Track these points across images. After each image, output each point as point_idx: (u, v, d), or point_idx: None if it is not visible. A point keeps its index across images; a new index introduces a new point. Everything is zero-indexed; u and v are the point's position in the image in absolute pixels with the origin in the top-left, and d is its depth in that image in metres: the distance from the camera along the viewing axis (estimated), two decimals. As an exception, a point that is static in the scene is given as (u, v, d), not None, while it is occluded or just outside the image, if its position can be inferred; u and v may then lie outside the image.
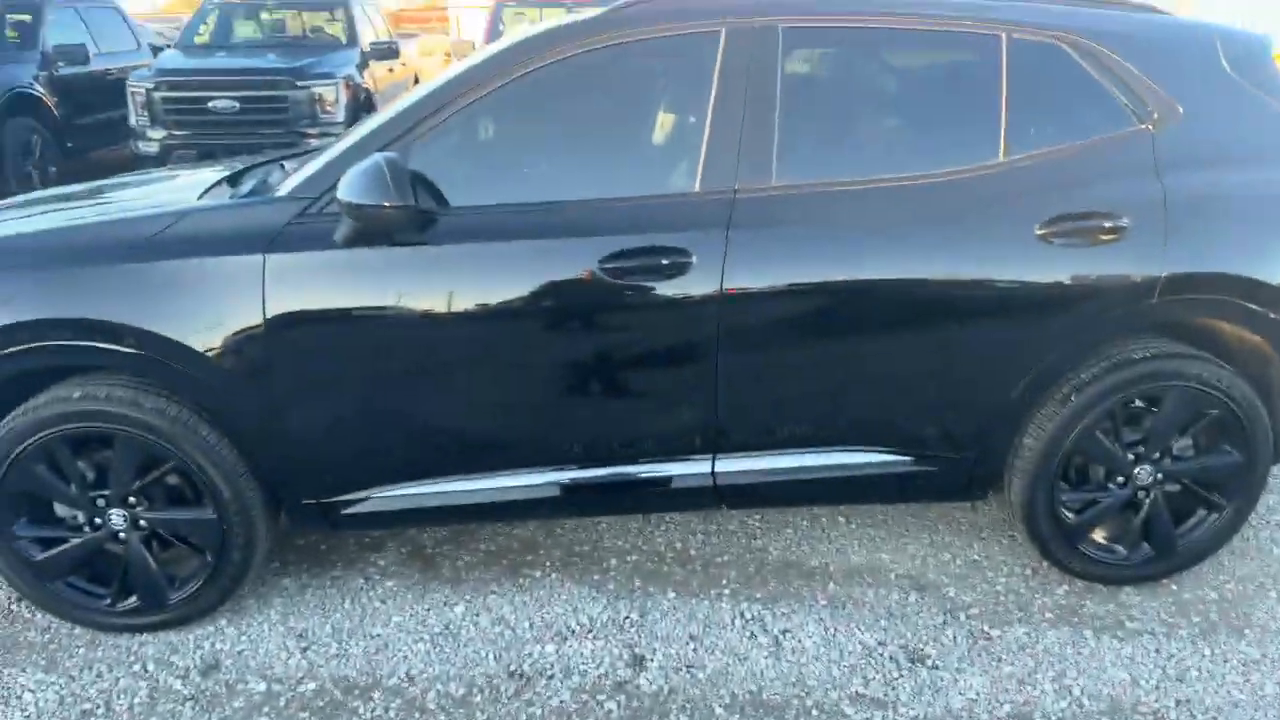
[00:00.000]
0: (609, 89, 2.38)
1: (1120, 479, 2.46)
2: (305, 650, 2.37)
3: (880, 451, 2.41)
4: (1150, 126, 2.31)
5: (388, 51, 8.88)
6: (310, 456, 2.28)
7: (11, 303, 2.13)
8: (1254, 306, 2.29)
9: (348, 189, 2.03)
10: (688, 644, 2.37)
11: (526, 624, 2.45)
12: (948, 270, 2.24)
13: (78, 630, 2.41)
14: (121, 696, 2.20)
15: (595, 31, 2.27)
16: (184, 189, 2.58)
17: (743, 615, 2.48)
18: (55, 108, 8.37)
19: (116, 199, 2.70)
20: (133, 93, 7.65)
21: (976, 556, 2.75)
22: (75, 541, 2.30)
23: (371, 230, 2.09)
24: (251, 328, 2.13)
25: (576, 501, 2.41)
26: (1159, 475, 2.45)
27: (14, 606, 2.50)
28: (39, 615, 2.45)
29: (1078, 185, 2.27)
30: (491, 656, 2.33)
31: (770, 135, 2.24)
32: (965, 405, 2.36)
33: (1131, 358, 2.34)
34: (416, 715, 2.15)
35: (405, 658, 2.33)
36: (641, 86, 2.45)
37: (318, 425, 2.25)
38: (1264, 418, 2.39)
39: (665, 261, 2.18)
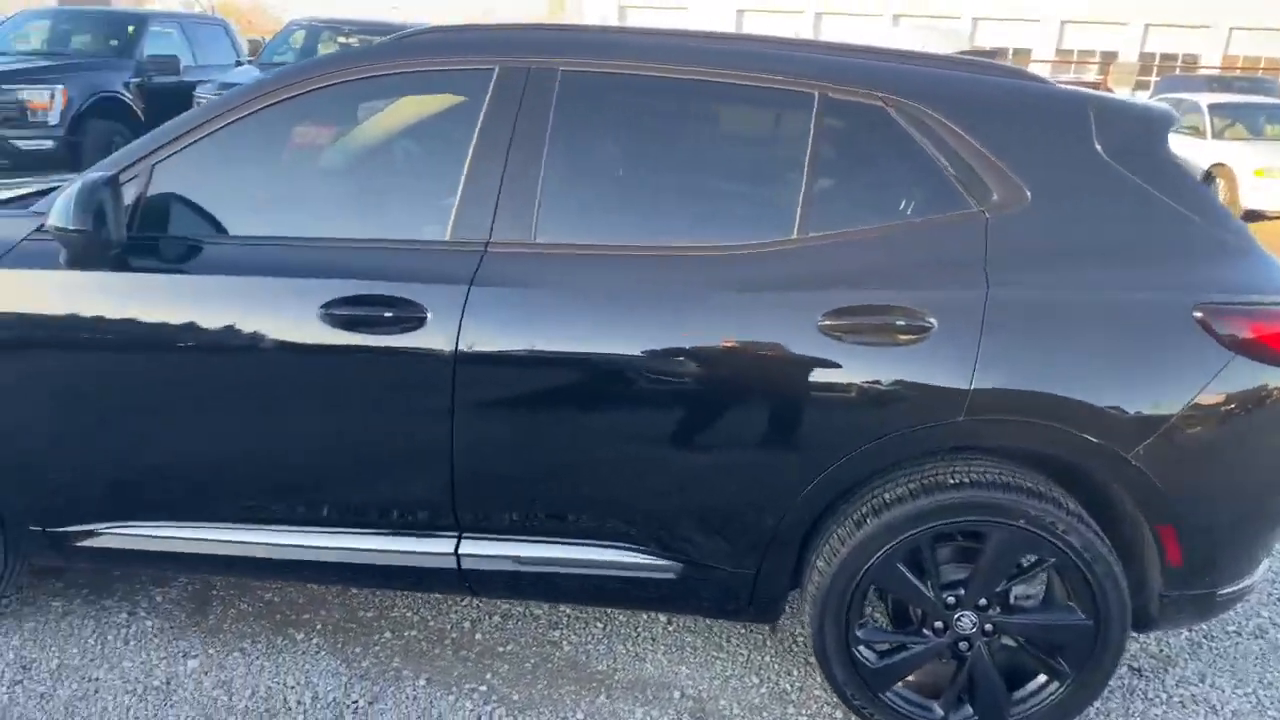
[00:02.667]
0: (376, 124, 2.21)
1: (938, 624, 2.06)
2: (17, 684, 2.25)
3: (640, 552, 2.09)
4: (986, 211, 1.94)
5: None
6: (29, 482, 2.18)
7: None
8: (1081, 434, 1.86)
9: (53, 210, 1.93)
10: (396, 743, 2.12)
11: (248, 692, 2.25)
12: (713, 354, 1.93)
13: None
14: None
15: (367, 61, 2.11)
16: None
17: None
18: (142, 113, 8.96)
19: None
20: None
21: (788, 687, 2.36)
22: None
23: (73, 253, 1.99)
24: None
25: (314, 568, 2.21)
26: (986, 626, 2.04)
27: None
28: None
29: (880, 273, 1.92)
30: (188, 723, 2.15)
31: (534, 188, 2.00)
32: (735, 511, 2.03)
33: (945, 482, 1.96)
34: (68, 778, 1.98)
35: (104, 711, 2.17)
36: (409, 123, 2.26)
37: (41, 450, 2.14)
38: (1114, 573, 1.95)
39: (390, 314, 1.97)
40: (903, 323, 1.87)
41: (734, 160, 2.19)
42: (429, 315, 1.96)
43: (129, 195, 2.07)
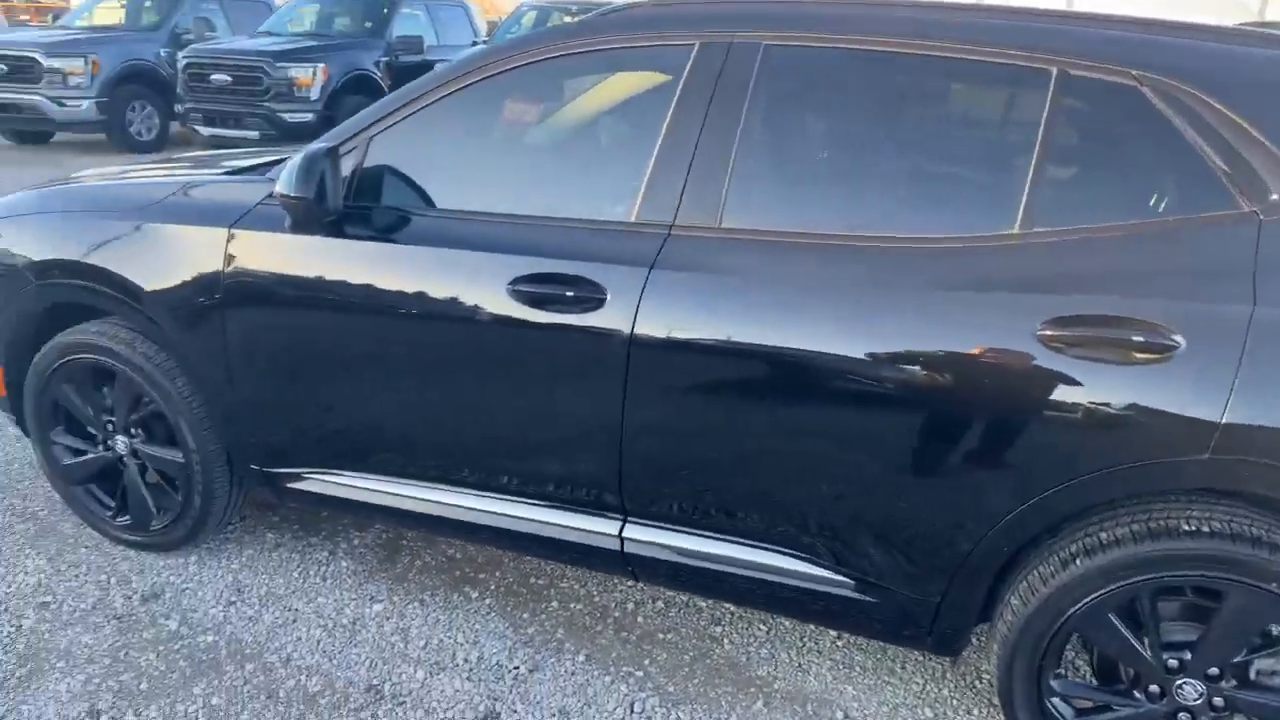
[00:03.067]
0: (578, 102, 2.19)
1: (1153, 689, 1.78)
2: (232, 603, 2.50)
3: (811, 562, 1.97)
4: (1260, 212, 1.62)
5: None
6: (251, 424, 2.39)
7: None
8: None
9: (280, 177, 2.08)
10: (550, 718, 2.13)
11: (422, 643, 2.37)
12: (909, 356, 1.76)
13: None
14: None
15: (567, 38, 2.09)
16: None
17: (633, 707, 2.18)
18: (388, 89, 9.73)
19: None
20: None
21: (966, 728, 2.15)
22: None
23: (295, 218, 2.13)
24: (210, 294, 2.27)
25: (489, 532, 2.27)
26: (1215, 699, 1.74)
27: None
28: None
29: (1117, 278, 1.66)
30: (367, 665, 2.28)
31: (723, 170, 1.91)
32: (921, 530, 1.85)
33: (1178, 528, 1.67)
34: (263, 697, 2.16)
35: (299, 640, 2.36)
36: (609, 103, 2.22)
37: (261, 397, 2.35)
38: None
39: (571, 293, 1.96)
40: (1141, 338, 1.61)
41: (949, 143, 1.98)
42: (608, 296, 1.93)
43: (347, 166, 2.20)
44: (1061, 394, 1.67)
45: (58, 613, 2.43)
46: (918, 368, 1.76)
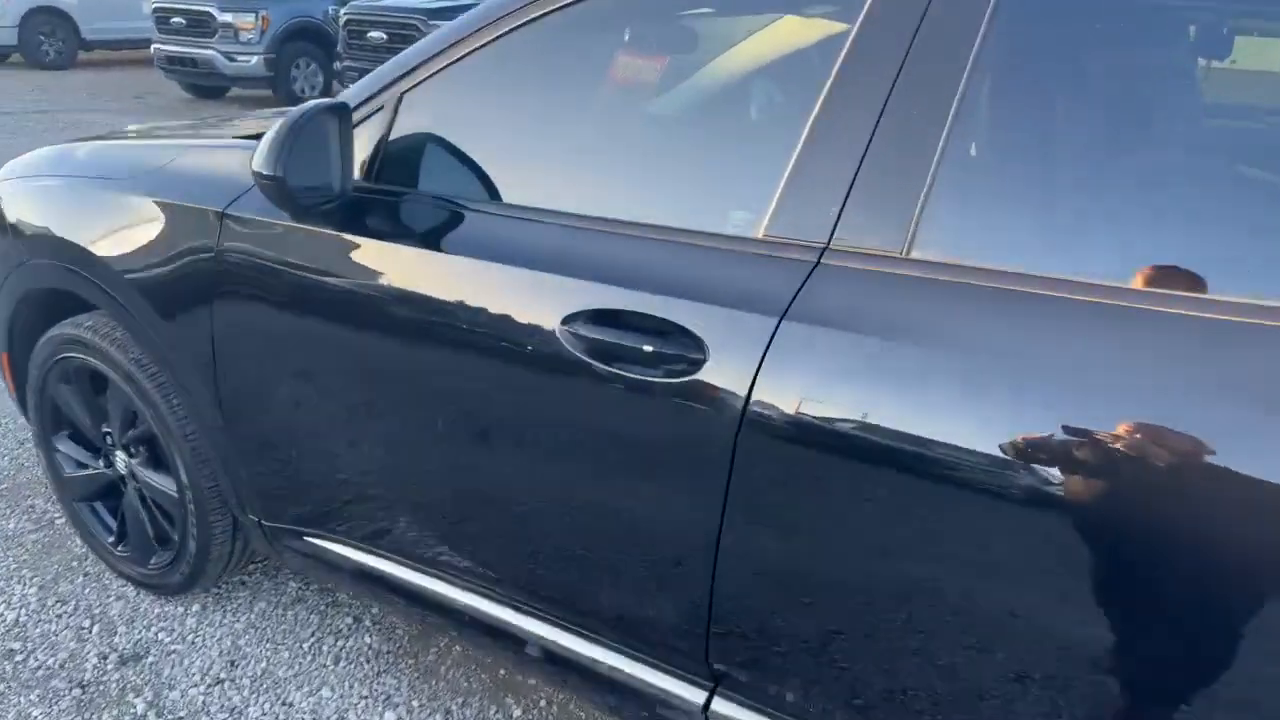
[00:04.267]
0: (708, 65, 1.45)
1: None
2: (218, 683, 1.98)
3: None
4: None
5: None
6: (242, 464, 1.84)
7: None
8: None
9: (260, 143, 1.48)
10: None
11: (432, 784, 1.76)
12: (1232, 501, 0.94)
13: None
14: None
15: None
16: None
17: None
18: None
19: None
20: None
21: None
22: None
23: (282, 206, 1.52)
24: (197, 294, 1.73)
25: (527, 659, 1.62)
26: None
27: None
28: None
29: None
30: (354, 810, 1.70)
31: (923, 165, 1.13)
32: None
33: None
34: (208, 846, 1.62)
35: (280, 753, 1.81)
36: (743, 63, 1.45)
37: (252, 431, 1.79)
38: None
39: (650, 347, 1.24)
40: None
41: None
42: (708, 357, 1.21)
43: (371, 133, 1.57)
44: None
45: (19, 669, 1.99)
46: (1233, 514, 0.93)
